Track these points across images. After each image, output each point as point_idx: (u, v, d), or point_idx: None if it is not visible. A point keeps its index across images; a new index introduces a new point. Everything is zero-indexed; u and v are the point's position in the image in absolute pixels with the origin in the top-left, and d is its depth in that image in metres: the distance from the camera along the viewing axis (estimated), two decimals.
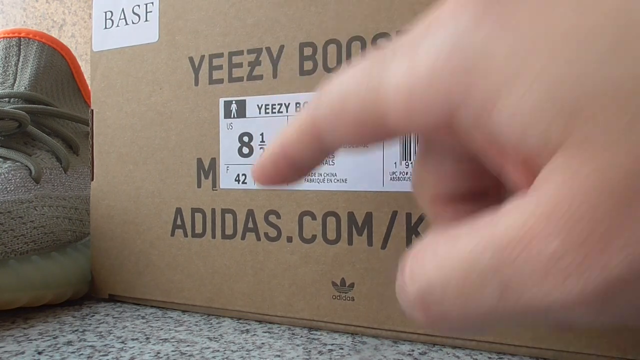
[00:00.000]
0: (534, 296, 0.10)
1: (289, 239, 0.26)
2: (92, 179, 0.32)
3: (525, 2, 0.11)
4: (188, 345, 0.24)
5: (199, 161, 0.29)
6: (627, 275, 0.09)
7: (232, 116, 0.28)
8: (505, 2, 0.11)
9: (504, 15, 0.11)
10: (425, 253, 0.12)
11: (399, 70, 0.12)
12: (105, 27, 0.31)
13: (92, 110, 0.32)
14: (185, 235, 0.29)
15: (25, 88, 0.34)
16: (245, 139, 0.27)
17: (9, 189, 0.29)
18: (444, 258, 0.12)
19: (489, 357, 0.23)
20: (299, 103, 0.26)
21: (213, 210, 0.28)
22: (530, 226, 0.10)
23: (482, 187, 0.15)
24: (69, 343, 0.24)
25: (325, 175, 0.26)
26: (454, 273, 0.11)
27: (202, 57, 0.28)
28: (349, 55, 0.25)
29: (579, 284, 0.10)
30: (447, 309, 0.11)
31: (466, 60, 0.11)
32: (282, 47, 0.26)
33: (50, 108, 0.34)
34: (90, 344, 0.24)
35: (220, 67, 0.28)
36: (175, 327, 0.27)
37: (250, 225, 0.27)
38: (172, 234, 0.29)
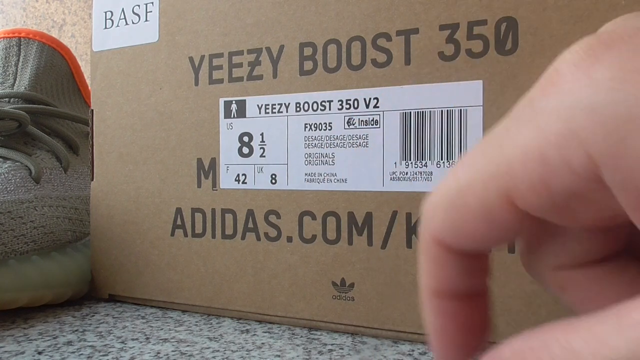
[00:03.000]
0: None
1: (289, 239, 0.26)
2: (92, 179, 0.32)
3: None
4: (188, 345, 0.24)
5: (199, 161, 0.29)
6: None
7: (232, 116, 0.28)
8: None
9: None
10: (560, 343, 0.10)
11: (521, 139, 0.11)
12: (105, 27, 0.31)
13: (92, 110, 0.32)
14: (185, 235, 0.29)
15: (25, 88, 0.34)
16: (245, 139, 0.27)
17: (9, 189, 0.29)
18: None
19: None
20: (299, 103, 0.26)
21: (213, 210, 0.28)
22: None
23: (617, 249, 0.14)
24: (69, 343, 0.24)
25: (325, 175, 0.26)
26: None
27: (202, 57, 0.28)
28: (349, 55, 0.25)
29: None
30: None
31: (615, 116, 0.10)
32: (282, 47, 0.26)
33: (50, 108, 0.34)
34: (90, 344, 0.24)
35: (220, 67, 0.28)
36: (175, 327, 0.27)
37: (250, 225, 0.27)
38: (172, 234, 0.29)
